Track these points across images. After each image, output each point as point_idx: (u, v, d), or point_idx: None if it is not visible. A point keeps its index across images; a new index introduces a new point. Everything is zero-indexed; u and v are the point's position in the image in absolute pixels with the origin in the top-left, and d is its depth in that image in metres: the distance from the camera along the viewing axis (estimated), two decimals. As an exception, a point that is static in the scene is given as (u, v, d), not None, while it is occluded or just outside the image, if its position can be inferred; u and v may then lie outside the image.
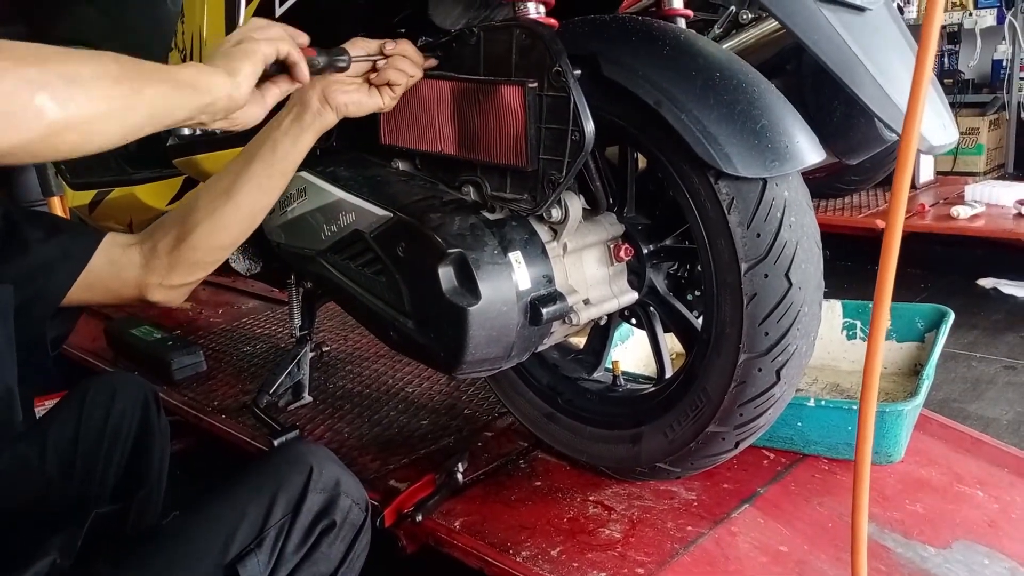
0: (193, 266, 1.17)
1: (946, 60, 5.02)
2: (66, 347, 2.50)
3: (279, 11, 1.25)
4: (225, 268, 1.75)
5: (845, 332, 1.95)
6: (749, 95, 1.11)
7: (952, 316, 1.84)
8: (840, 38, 1.07)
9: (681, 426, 1.30)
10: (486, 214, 1.20)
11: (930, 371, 1.65)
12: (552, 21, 1.15)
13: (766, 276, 1.14)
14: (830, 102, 1.43)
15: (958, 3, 4.78)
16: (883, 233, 0.89)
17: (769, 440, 1.56)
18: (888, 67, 1.08)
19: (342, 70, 1.08)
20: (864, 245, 3.01)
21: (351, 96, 1.13)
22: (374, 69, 1.15)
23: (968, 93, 4.85)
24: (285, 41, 0.98)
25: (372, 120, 1.32)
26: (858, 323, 1.93)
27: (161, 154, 1.57)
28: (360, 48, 1.12)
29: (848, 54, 1.07)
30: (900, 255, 0.89)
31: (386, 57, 1.14)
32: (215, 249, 1.17)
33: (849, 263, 3.33)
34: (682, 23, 1.34)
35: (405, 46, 1.16)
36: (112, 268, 1.16)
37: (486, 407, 1.87)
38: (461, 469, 1.52)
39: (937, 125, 1.15)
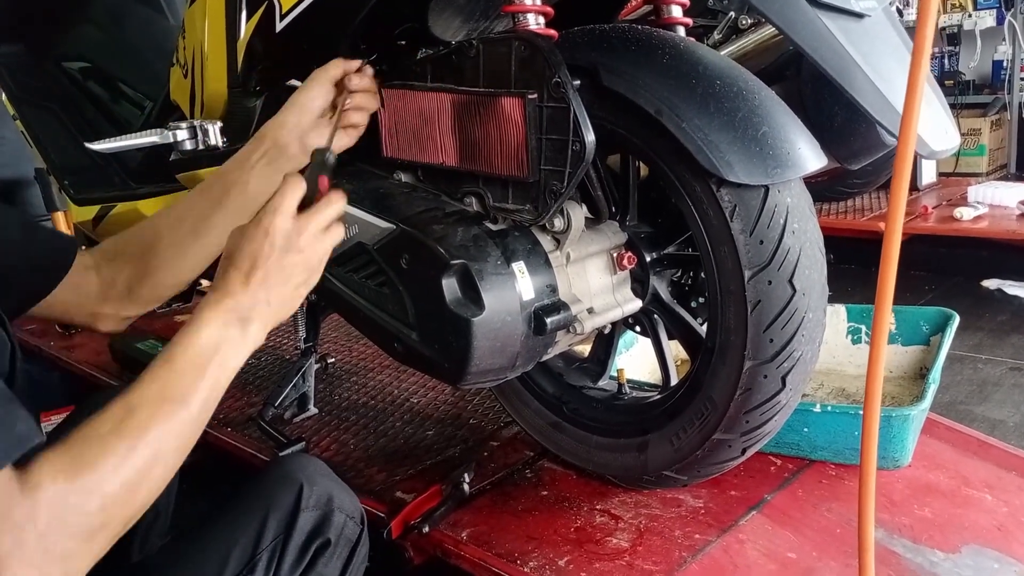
0: (152, 300, 1.18)
1: (946, 61, 5.03)
2: (71, 362, 2.51)
3: (279, 26, 1.25)
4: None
5: (850, 337, 1.95)
6: (750, 102, 1.11)
7: (957, 318, 1.84)
8: (839, 44, 1.07)
9: (687, 434, 1.30)
10: (489, 225, 1.20)
11: (936, 374, 1.65)
12: (551, 32, 1.15)
13: (770, 283, 1.13)
14: (830, 108, 1.43)
15: (957, 4, 4.79)
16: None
17: (776, 446, 1.56)
18: (887, 72, 1.08)
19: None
20: (868, 248, 3.00)
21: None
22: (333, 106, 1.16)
23: (969, 94, 4.86)
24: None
25: (374, 133, 1.33)
26: (863, 327, 1.93)
27: (164, 169, 1.58)
28: (319, 87, 1.14)
29: (847, 60, 1.07)
30: (904, 258, 0.89)
31: (350, 92, 1.17)
32: (179, 284, 1.18)
33: (853, 266, 3.33)
34: (681, 31, 1.34)
35: (364, 80, 1.17)
36: (71, 289, 1.13)
37: (492, 417, 1.87)
38: (467, 480, 1.52)
39: (938, 130, 1.15)
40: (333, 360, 2.23)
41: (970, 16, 4.76)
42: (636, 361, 1.85)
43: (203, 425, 0.86)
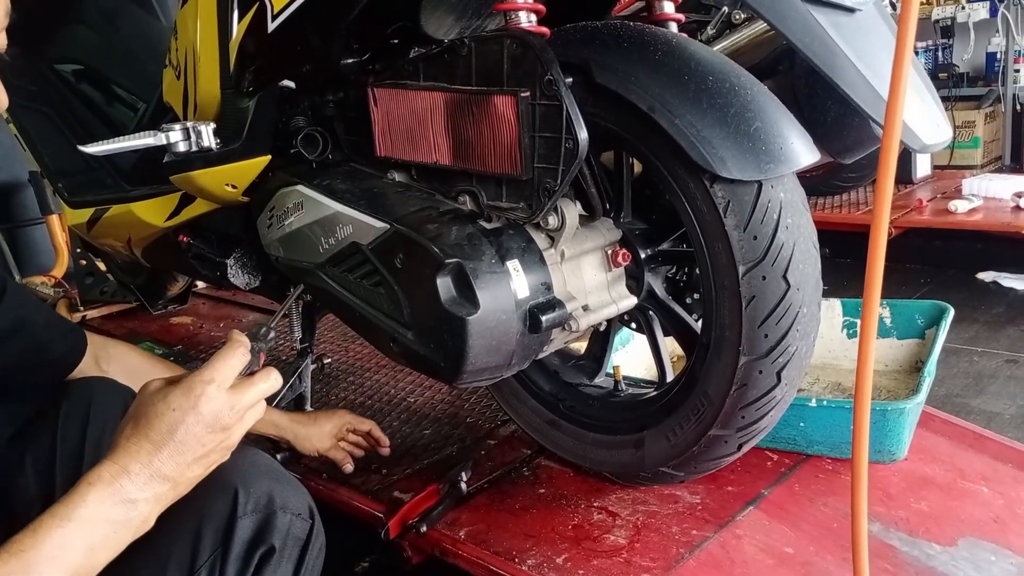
0: None
1: (940, 54, 5.03)
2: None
3: (271, 27, 1.25)
4: (225, 282, 1.76)
5: (846, 331, 1.95)
6: (742, 98, 1.11)
7: (952, 312, 1.84)
8: (830, 39, 1.07)
9: (683, 430, 1.30)
10: (483, 223, 1.20)
11: (931, 368, 1.65)
12: (543, 29, 1.15)
13: (764, 278, 1.14)
14: (823, 102, 1.42)
15: (950, -3, 4.80)
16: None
17: (772, 441, 1.56)
18: (879, 67, 1.08)
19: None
20: (862, 242, 3.00)
21: None
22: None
23: (963, 86, 4.87)
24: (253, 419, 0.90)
25: (367, 132, 1.33)
26: (858, 321, 1.93)
27: (158, 170, 1.58)
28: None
29: (839, 55, 1.07)
30: (899, 251, 0.90)
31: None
32: None
33: (848, 260, 3.32)
34: (674, 27, 1.34)
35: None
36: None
37: (488, 415, 1.87)
38: (465, 478, 1.52)
39: (930, 124, 1.15)
40: (329, 360, 2.21)
41: (963, 8, 4.77)
42: (632, 358, 1.85)
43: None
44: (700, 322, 1.32)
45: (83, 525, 0.79)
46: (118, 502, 0.80)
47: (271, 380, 0.91)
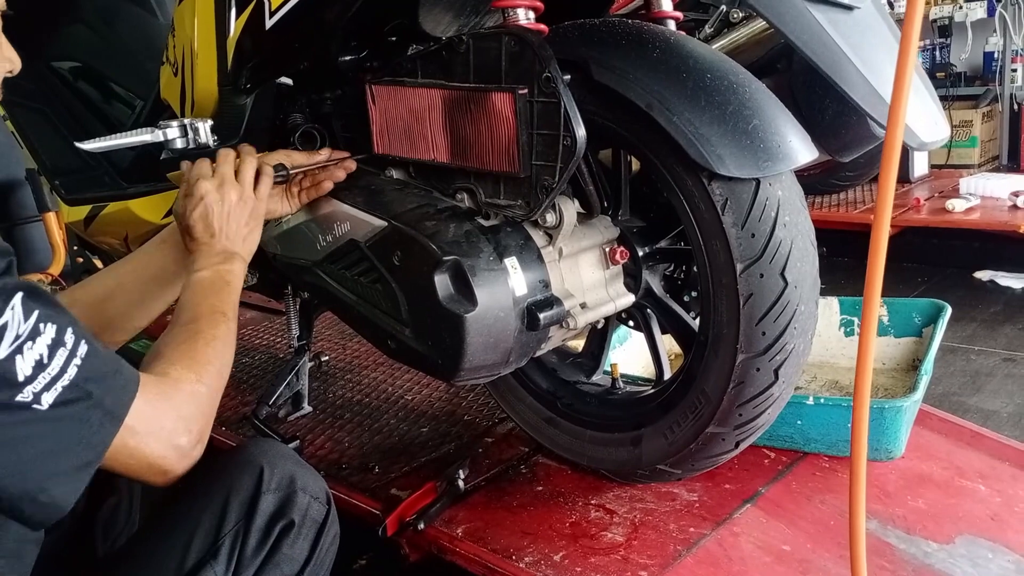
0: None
1: (938, 53, 5.03)
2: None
3: (269, 24, 1.25)
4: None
5: (843, 329, 1.95)
6: (740, 95, 1.11)
7: (949, 310, 1.84)
8: (829, 37, 1.07)
9: (681, 427, 1.30)
10: (481, 221, 1.20)
11: (928, 366, 1.65)
12: (542, 27, 1.15)
13: (762, 276, 1.14)
14: (821, 100, 1.43)
15: (948, -4, 4.80)
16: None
17: (769, 439, 1.56)
18: (877, 64, 1.08)
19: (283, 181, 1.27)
20: (860, 240, 3.01)
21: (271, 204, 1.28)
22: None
23: (960, 86, 4.87)
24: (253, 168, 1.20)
25: (365, 130, 1.32)
26: (856, 319, 1.94)
27: (155, 168, 1.57)
28: (298, 160, 1.29)
29: (837, 52, 1.07)
30: (896, 250, 0.90)
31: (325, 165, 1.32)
32: (134, 331, 1.25)
33: (846, 259, 3.33)
34: (672, 25, 1.34)
35: (349, 161, 1.32)
36: None
37: (486, 413, 1.87)
38: (462, 476, 1.52)
39: (928, 122, 1.15)
40: (327, 358, 2.22)
41: (961, 8, 4.77)
42: (629, 356, 1.85)
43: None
44: (698, 320, 1.32)
45: (217, 277, 1.12)
46: (220, 261, 1.14)
47: (246, 156, 1.22)
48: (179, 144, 1.45)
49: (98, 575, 1.04)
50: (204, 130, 1.43)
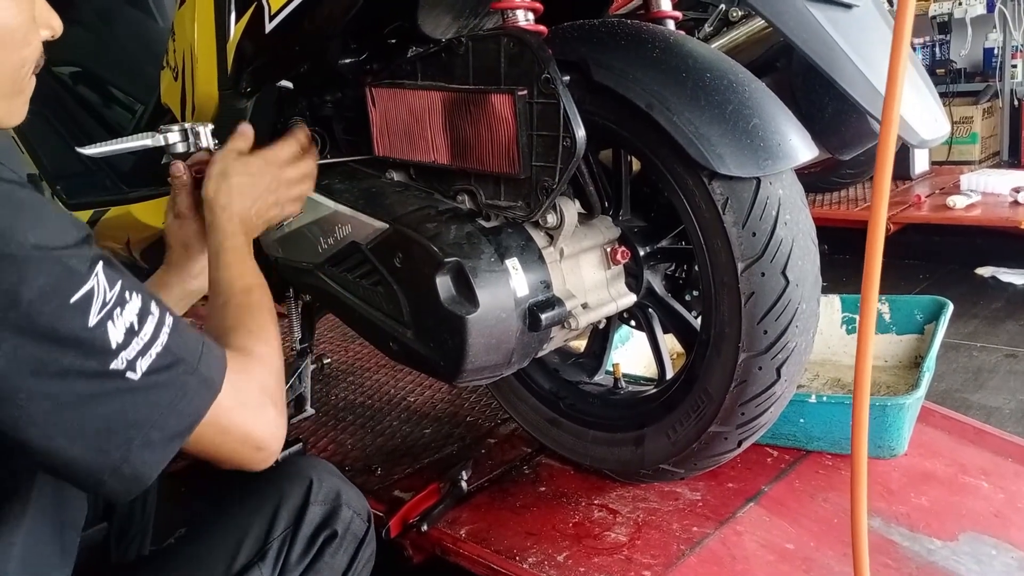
0: None
1: (937, 50, 5.02)
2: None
3: (269, 27, 1.25)
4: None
5: (845, 327, 1.95)
6: (740, 95, 1.11)
7: (951, 307, 1.84)
8: (828, 35, 1.07)
9: (684, 427, 1.30)
10: (482, 222, 1.20)
11: (931, 363, 1.65)
12: (541, 28, 1.15)
13: (763, 275, 1.14)
14: (821, 99, 1.43)
15: (947, -8, 4.79)
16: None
17: (772, 438, 1.56)
18: (876, 62, 1.08)
19: None
20: (862, 238, 2.99)
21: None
22: None
23: (960, 82, 4.85)
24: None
25: (365, 132, 1.33)
26: (857, 317, 1.93)
27: (156, 172, 1.57)
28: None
29: (837, 51, 1.07)
30: (898, 246, 0.90)
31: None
32: None
33: (847, 256, 3.33)
34: (671, 25, 1.34)
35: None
36: None
37: (488, 414, 1.87)
38: (465, 477, 1.52)
39: (927, 118, 1.15)
40: (329, 360, 2.22)
41: (960, 4, 4.76)
42: (632, 355, 1.85)
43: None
44: (699, 319, 1.32)
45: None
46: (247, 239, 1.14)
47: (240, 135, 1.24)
48: (180, 148, 1.45)
49: (148, 570, 1.06)
50: (205, 134, 1.43)
